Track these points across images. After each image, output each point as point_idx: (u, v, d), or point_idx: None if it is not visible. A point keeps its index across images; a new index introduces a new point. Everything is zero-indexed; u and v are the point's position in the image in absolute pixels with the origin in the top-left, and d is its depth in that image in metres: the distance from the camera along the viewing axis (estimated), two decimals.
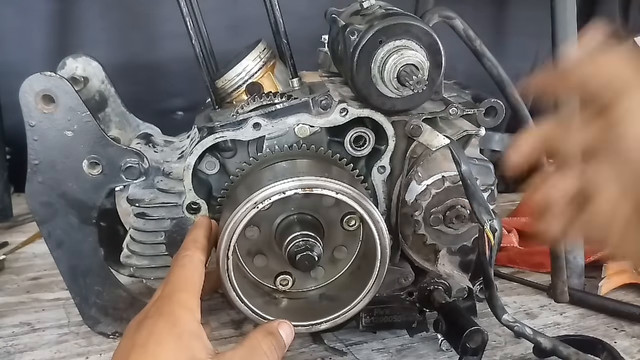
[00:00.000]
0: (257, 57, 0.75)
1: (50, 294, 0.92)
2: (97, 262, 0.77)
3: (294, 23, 0.77)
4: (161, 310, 0.53)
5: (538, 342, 0.73)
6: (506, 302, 0.77)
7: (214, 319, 0.85)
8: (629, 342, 0.82)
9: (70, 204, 0.73)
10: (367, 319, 0.77)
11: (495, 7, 1.67)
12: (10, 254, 1.05)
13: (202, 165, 0.72)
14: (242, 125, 0.69)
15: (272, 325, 0.58)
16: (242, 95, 0.75)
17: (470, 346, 0.70)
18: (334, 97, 0.70)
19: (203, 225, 0.64)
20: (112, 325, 0.80)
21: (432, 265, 0.77)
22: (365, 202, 0.63)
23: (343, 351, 0.79)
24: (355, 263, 0.72)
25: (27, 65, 1.24)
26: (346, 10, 0.77)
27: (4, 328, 0.83)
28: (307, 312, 0.70)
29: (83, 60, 0.84)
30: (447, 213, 0.73)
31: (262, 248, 0.70)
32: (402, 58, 0.64)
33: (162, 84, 1.40)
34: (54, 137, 0.70)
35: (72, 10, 1.32)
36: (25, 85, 0.68)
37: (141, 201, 0.73)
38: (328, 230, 0.69)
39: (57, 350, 0.78)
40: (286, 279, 0.70)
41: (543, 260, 0.99)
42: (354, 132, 0.71)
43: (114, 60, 1.14)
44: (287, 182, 0.61)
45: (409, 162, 0.73)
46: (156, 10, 1.34)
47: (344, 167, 0.71)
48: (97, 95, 0.84)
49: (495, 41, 1.65)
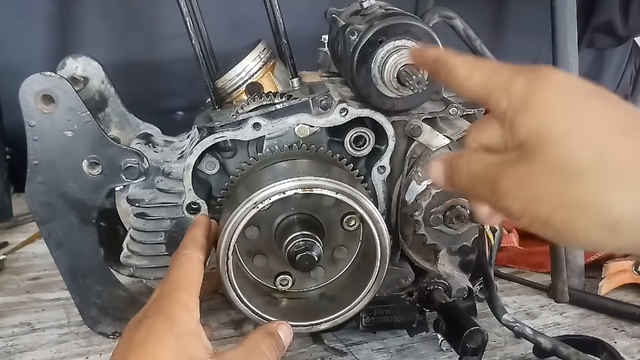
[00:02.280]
0: (257, 57, 0.75)
1: (50, 294, 0.92)
2: (97, 262, 0.77)
3: (294, 23, 0.77)
4: (160, 310, 0.53)
5: (538, 342, 0.73)
6: (506, 302, 0.77)
7: (214, 319, 0.85)
8: (629, 342, 0.82)
9: (70, 204, 0.73)
10: (367, 319, 0.77)
11: (495, 7, 1.68)
12: (10, 254, 1.05)
13: (202, 165, 0.72)
14: (242, 125, 0.69)
15: (271, 326, 0.59)
16: (242, 95, 0.75)
17: (470, 346, 0.70)
18: (334, 97, 0.70)
19: (202, 224, 0.64)
20: (112, 325, 0.80)
21: (432, 265, 0.77)
22: (365, 202, 0.63)
23: (343, 351, 0.79)
24: (355, 263, 0.72)
25: (27, 65, 1.25)
26: (346, 10, 0.77)
27: (4, 328, 0.83)
28: (307, 312, 0.70)
29: (83, 60, 0.84)
30: (447, 213, 0.73)
31: (262, 248, 0.70)
32: (402, 58, 0.64)
33: (162, 84, 1.40)
34: (54, 137, 0.70)
35: (72, 10, 1.32)
36: (25, 85, 0.68)
37: (141, 201, 0.73)
38: (328, 230, 0.69)
39: (57, 350, 0.78)
40: (286, 279, 0.70)
41: (543, 260, 0.99)
42: (354, 132, 0.71)
43: (114, 60, 1.14)
44: (287, 182, 0.61)
45: (409, 162, 0.73)
46: (156, 10, 1.34)
47: (344, 167, 0.70)
48: (97, 95, 0.84)
49: (495, 41, 1.65)
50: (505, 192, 0.40)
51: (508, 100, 0.41)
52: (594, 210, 0.37)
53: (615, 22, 1.69)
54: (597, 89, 0.40)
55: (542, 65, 0.42)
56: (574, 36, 0.92)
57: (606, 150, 0.37)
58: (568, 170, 0.37)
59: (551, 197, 0.38)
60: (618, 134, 0.37)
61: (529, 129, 0.40)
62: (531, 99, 0.40)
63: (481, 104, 0.45)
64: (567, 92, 0.40)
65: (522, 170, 0.40)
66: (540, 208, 0.39)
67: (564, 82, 0.40)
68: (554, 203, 0.38)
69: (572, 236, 0.38)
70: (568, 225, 0.38)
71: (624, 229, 0.36)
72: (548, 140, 0.38)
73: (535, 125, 0.39)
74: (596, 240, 0.38)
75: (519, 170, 0.40)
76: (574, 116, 0.38)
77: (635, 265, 0.94)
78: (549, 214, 0.38)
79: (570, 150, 0.37)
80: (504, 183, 0.40)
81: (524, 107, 0.40)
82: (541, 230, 0.40)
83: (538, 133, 0.39)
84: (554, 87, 0.40)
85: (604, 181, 0.36)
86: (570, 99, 0.39)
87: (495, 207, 0.43)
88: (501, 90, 0.42)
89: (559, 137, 0.38)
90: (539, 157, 0.39)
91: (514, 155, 0.41)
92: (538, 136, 0.39)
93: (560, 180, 0.37)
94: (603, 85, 0.40)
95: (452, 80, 0.46)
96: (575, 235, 0.38)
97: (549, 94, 0.40)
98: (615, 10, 1.68)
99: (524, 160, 0.39)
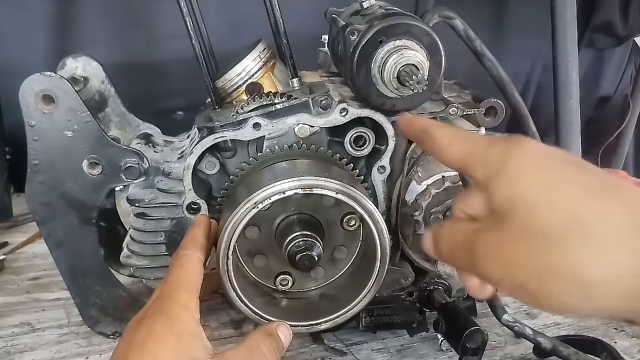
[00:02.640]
0: (257, 57, 0.75)
1: (50, 294, 0.92)
2: (97, 262, 0.77)
3: (294, 23, 0.77)
4: (160, 310, 0.53)
5: (538, 342, 0.73)
6: (506, 302, 0.76)
7: (214, 319, 0.85)
8: (629, 342, 0.82)
9: (70, 204, 0.73)
10: (367, 319, 0.77)
11: (495, 7, 1.68)
12: (10, 254, 1.05)
13: (202, 165, 0.72)
14: (242, 125, 0.69)
15: (271, 326, 0.59)
16: (242, 95, 0.75)
17: (470, 346, 0.70)
18: (334, 97, 0.70)
19: (202, 224, 0.64)
20: (112, 325, 0.80)
21: (432, 265, 0.77)
22: (365, 202, 0.63)
23: (343, 351, 0.79)
24: (355, 263, 0.72)
25: (27, 65, 1.25)
26: (346, 10, 0.77)
27: (4, 328, 0.83)
28: (307, 312, 0.70)
29: (83, 60, 0.84)
30: (447, 213, 0.73)
31: (262, 248, 0.70)
32: (402, 58, 0.64)
33: (162, 84, 1.40)
34: (54, 137, 0.70)
35: (72, 10, 1.32)
36: (25, 85, 0.68)
37: (141, 201, 0.73)
38: (328, 230, 0.69)
39: (57, 350, 0.78)
40: (286, 279, 0.70)
41: None
42: (354, 132, 0.71)
43: (114, 60, 1.14)
44: (287, 182, 0.61)
45: (409, 162, 0.73)
46: (156, 10, 1.34)
47: (344, 167, 0.70)
48: (97, 95, 0.84)
49: (495, 41, 1.65)
50: (481, 257, 0.41)
51: (484, 168, 0.43)
52: (565, 273, 0.37)
53: (615, 22, 1.69)
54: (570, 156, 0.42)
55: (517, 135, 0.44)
56: (574, 36, 0.92)
57: (576, 214, 0.37)
58: (540, 236, 0.38)
59: (524, 263, 0.39)
60: (587, 197, 0.38)
61: (503, 195, 0.41)
62: (505, 166, 0.41)
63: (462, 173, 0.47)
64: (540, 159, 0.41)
65: (496, 236, 0.41)
66: (515, 273, 0.39)
67: (537, 150, 0.42)
68: (528, 269, 0.39)
69: (547, 301, 0.39)
70: (542, 290, 0.38)
71: (597, 290, 0.36)
72: (520, 206, 0.39)
73: (508, 191, 0.40)
74: (571, 305, 0.38)
75: (493, 235, 0.41)
76: (545, 182, 0.39)
77: None
78: (524, 279, 0.39)
79: (541, 217, 0.38)
80: (480, 248, 0.41)
81: (498, 174, 0.41)
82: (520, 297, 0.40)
83: (511, 199, 0.40)
84: (527, 155, 0.41)
85: (575, 244, 0.37)
86: (542, 166, 0.41)
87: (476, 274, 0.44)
88: (478, 160, 0.43)
89: (530, 204, 0.39)
90: (512, 223, 0.40)
91: (490, 221, 0.42)
92: (511, 202, 0.40)
93: (533, 246, 0.38)
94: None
95: (435, 150, 0.48)
96: (550, 300, 0.39)
97: (522, 161, 0.41)
98: (615, 10, 1.68)
99: (498, 226, 0.41)
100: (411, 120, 0.54)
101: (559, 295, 0.38)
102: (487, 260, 0.41)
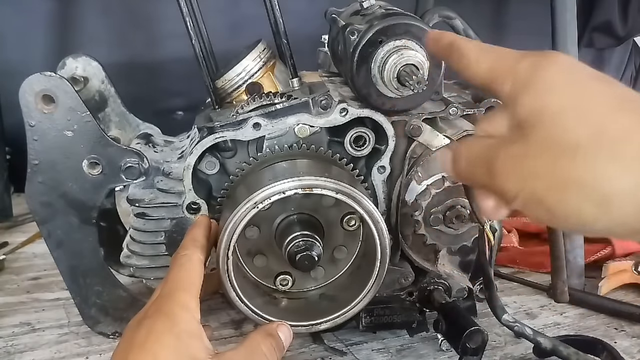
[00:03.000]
0: (257, 57, 0.75)
1: (50, 294, 0.92)
2: (97, 262, 0.77)
3: (294, 23, 0.77)
4: (160, 310, 0.53)
5: (538, 342, 0.73)
6: (506, 302, 0.77)
7: (214, 319, 0.85)
8: (629, 342, 0.82)
9: (70, 204, 0.73)
10: (367, 319, 0.77)
11: (495, 7, 1.68)
12: (10, 254, 1.06)
13: (202, 165, 0.72)
14: (242, 125, 0.69)
15: (271, 327, 0.59)
16: (242, 95, 0.75)
17: (470, 346, 0.70)
18: (334, 97, 0.70)
19: (202, 224, 0.64)
20: (112, 325, 0.80)
21: (432, 265, 0.77)
22: (365, 202, 0.63)
23: (343, 351, 0.79)
24: (355, 263, 0.72)
25: (27, 65, 1.25)
26: (346, 10, 0.77)
27: (4, 328, 0.83)
28: (307, 312, 0.70)
29: (83, 60, 0.84)
30: (447, 213, 0.73)
31: (262, 248, 0.70)
32: (402, 58, 0.64)
33: (162, 84, 1.40)
34: (54, 137, 0.70)
35: (72, 10, 1.32)
36: (25, 85, 0.68)
37: (141, 201, 0.73)
38: (328, 230, 0.69)
39: (57, 350, 0.78)
40: (286, 279, 0.70)
41: (543, 260, 0.99)
42: (354, 132, 0.71)
43: (114, 60, 1.14)
44: (287, 182, 0.61)
45: (409, 162, 0.73)
46: (156, 10, 1.34)
47: (344, 167, 0.70)
48: (97, 95, 0.84)
49: (495, 41, 1.64)
50: (500, 171, 0.40)
51: (512, 82, 0.42)
52: (587, 186, 0.36)
53: (614, 22, 1.69)
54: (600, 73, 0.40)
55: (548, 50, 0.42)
56: (574, 36, 0.92)
57: (604, 127, 0.37)
58: (565, 147, 0.37)
59: (545, 174, 0.38)
60: (617, 112, 0.37)
61: (529, 108, 0.40)
62: (533, 79, 0.40)
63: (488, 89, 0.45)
64: (569, 73, 0.40)
65: (517, 149, 0.40)
66: (534, 186, 0.38)
67: (567, 64, 0.41)
68: (548, 180, 0.38)
69: (563, 214, 0.38)
70: (560, 203, 0.38)
71: (618, 204, 0.36)
72: (546, 117, 0.38)
73: (535, 103, 0.40)
74: (588, 218, 0.37)
75: (515, 148, 0.40)
76: (573, 94, 0.39)
77: (635, 265, 0.94)
78: (542, 192, 0.38)
79: (567, 127, 0.37)
80: (500, 162, 0.40)
81: (526, 86, 0.40)
82: (535, 212, 0.40)
83: (537, 111, 0.39)
84: (557, 68, 0.40)
85: (601, 157, 0.36)
86: (571, 79, 0.40)
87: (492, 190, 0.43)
88: (507, 74, 0.42)
89: (556, 114, 0.38)
90: (536, 134, 0.39)
91: (514, 135, 0.41)
92: (537, 114, 0.39)
93: (555, 157, 0.37)
94: None
95: (463, 65, 0.46)
96: (566, 212, 0.38)
97: (550, 73, 0.40)
98: (614, 10, 1.68)
99: (521, 138, 0.40)
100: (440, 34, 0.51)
101: (577, 207, 0.37)
102: (506, 175, 0.40)
